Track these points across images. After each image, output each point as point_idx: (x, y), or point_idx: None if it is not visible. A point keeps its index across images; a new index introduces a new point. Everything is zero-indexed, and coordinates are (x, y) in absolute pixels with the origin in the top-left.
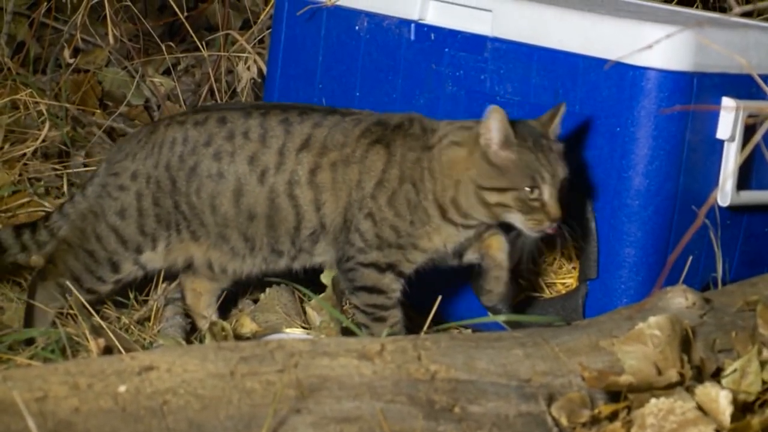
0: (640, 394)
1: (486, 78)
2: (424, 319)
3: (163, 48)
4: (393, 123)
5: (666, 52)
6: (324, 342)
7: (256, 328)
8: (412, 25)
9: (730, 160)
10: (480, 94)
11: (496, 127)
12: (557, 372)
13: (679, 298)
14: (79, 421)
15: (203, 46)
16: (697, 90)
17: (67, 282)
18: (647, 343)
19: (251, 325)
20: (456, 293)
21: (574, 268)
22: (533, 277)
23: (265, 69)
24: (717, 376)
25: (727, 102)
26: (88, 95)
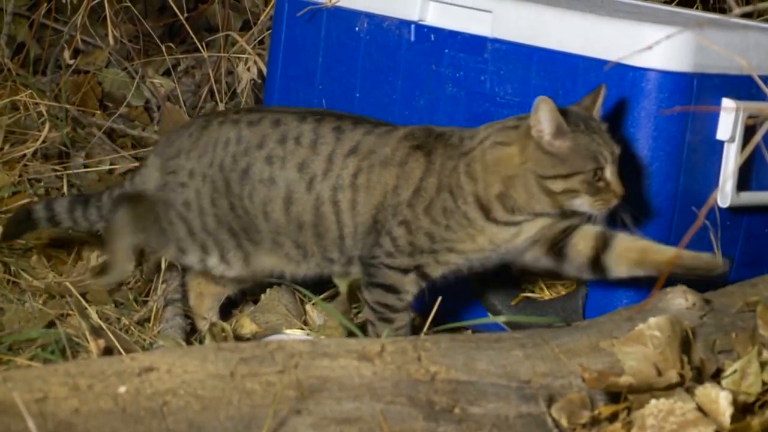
0: (640, 395)
1: (486, 79)
2: (424, 320)
3: (163, 49)
4: (437, 131)
5: (666, 53)
6: (324, 343)
7: (256, 329)
8: (412, 26)
9: (730, 161)
10: (480, 95)
11: (546, 117)
12: (557, 373)
13: (679, 299)
14: (79, 422)
15: (203, 47)
16: (697, 91)
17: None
18: (647, 344)
19: (251, 325)
20: (456, 293)
21: None
22: (533, 278)
23: (265, 70)
24: (717, 377)
25: (727, 103)
26: (88, 96)
